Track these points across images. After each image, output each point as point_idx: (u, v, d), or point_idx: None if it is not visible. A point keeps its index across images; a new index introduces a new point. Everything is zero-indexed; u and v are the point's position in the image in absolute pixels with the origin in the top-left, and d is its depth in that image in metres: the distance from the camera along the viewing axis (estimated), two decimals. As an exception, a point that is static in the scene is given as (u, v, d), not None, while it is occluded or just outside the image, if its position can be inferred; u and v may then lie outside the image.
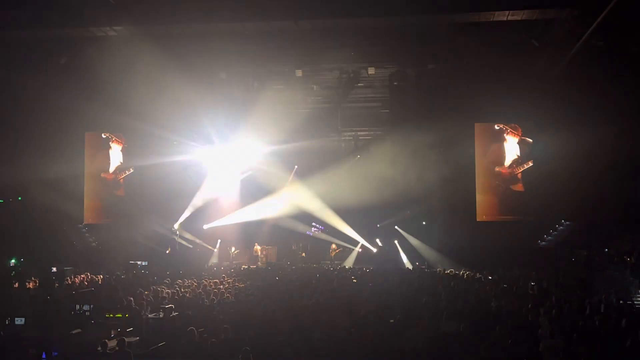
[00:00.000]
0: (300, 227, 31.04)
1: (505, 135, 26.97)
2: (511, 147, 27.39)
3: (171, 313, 13.58)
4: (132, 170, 29.76)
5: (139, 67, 23.80)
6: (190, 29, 21.69)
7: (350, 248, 30.17)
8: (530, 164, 26.78)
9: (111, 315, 13.69)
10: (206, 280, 19.73)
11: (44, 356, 10.10)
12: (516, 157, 27.08)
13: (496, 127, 26.77)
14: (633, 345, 9.49)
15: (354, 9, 19.78)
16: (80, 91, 25.38)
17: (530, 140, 26.67)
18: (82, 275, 22.24)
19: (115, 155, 30.26)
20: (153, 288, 17.30)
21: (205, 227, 30.40)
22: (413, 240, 28.24)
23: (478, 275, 21.10)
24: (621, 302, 14.64)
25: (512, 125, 26.77)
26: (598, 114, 22.31)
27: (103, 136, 29.00)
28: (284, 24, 21.35)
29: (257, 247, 30.60)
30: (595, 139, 22.46)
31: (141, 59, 23.30)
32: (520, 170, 26.86)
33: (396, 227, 28.86)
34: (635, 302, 16.19)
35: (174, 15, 20.82)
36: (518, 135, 27.01)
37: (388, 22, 20.82)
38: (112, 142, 29.80)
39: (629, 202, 23.67)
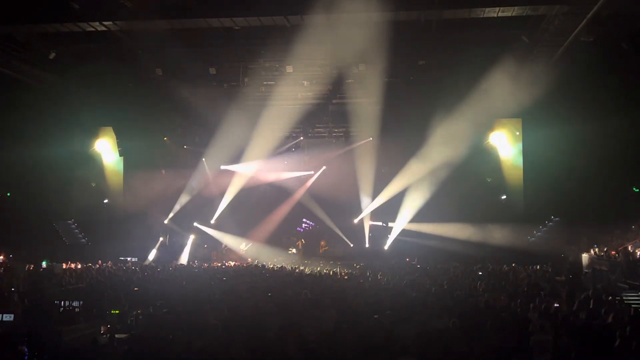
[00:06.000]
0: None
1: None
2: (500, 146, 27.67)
3: (161, 310, 13.55)
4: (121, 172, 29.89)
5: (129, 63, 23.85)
6: (180, 23, 21.59)
7: None
8: (520, 165, 26.98)
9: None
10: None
11: (26, 351, 10.05)
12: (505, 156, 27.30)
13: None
14: (621, 340, 9.54)
15: (345, 4, 19.73)
16: (71, 88, 25.32)
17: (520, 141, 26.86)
18: (72, 265, 22.35)
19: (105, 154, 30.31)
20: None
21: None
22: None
23: (468, 270, 21.18)
24: (609, 298, 14.72)
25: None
26: (587, 112, 22.41)
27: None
28: (274, 19, 21.29)
29: (242, 247, 30.61)
30: (584, 136, 22.60)
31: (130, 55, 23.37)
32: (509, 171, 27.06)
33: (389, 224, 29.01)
34: (623, 298, 16.28)
35: (164, 10, 20.71)
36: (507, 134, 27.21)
37: (378, 18, 20.79)
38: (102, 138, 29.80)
39: (618, 199, 23.84)
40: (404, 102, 25.57)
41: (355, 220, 29.98)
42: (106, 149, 30.43)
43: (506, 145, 27.92)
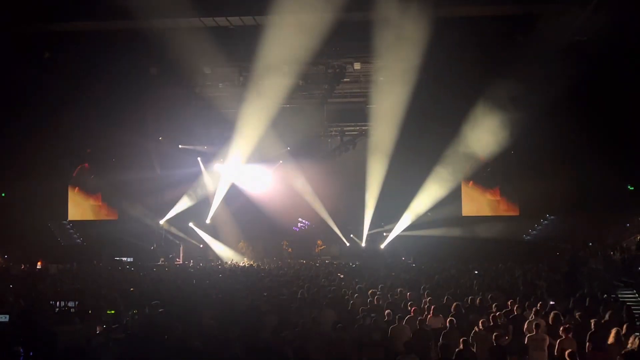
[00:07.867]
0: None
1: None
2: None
3: (157, 309, 13.50)
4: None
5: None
6: (175, 22, 21.53)
7: None
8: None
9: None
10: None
11: (21, 351, 10.00)
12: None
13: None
14: (616, 338, 9.58)
15: (339, 3, 19.73)
16: (65, 87, 25.25)
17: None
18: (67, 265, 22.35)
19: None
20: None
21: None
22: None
23: (463, 269, 21.19)
24: (605, 296, 14.77)
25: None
26: (584, 110, 22.45)
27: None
28: (268, 18, 21.26)
29: (242, 244, 30.54)
30: (581, 134, 22.63)
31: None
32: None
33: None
34: (618, 296, 16.34)
35: (158, 9, 20.65)
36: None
37: (373, 17, 20.79)
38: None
39: (613, 198, 23.88)
40: (402, 102, 25.56)
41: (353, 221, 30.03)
42: (102, 149, 30.34)
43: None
